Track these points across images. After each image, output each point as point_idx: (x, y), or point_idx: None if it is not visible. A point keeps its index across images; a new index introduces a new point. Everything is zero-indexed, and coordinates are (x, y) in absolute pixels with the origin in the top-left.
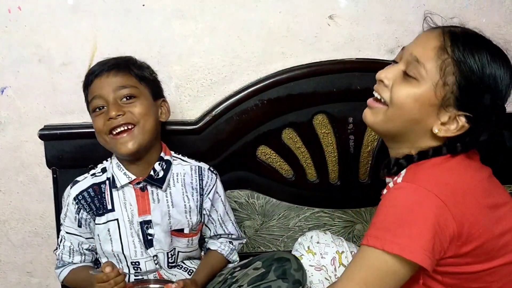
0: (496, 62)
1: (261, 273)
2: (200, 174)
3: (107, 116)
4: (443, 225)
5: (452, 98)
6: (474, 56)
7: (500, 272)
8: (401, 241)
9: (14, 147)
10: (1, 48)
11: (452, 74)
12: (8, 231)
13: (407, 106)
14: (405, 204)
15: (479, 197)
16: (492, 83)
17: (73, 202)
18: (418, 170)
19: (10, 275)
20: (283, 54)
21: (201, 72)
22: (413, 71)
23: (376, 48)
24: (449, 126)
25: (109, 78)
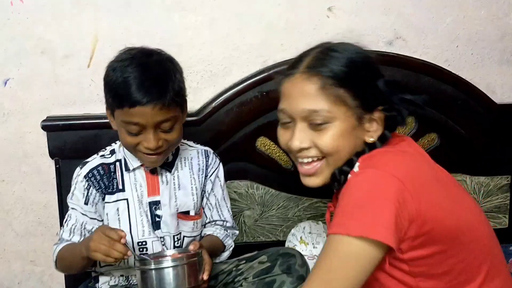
0: (355, 53)
1: (266, 267)
2: (206, 156)
3: (144, 141)
4: (403, 203)
5: (359, 110)
6: (340, 65)
7: (463, 253)
8: (363, 222)
9: (17, 138)
10: (4, 40)
11: (342, 94)
12: (12, 220)
13: (340, 145)
14: (364, 187)
15: (429, 175)
16: (369, 69)
17: (82, 179)
18: (370, 158)
19: (13, 264)
20: (282, 46)
21: (201, 64)
22: (319, 118)
23: (375, 39)
24: (374, 128)
25: (154, 111)
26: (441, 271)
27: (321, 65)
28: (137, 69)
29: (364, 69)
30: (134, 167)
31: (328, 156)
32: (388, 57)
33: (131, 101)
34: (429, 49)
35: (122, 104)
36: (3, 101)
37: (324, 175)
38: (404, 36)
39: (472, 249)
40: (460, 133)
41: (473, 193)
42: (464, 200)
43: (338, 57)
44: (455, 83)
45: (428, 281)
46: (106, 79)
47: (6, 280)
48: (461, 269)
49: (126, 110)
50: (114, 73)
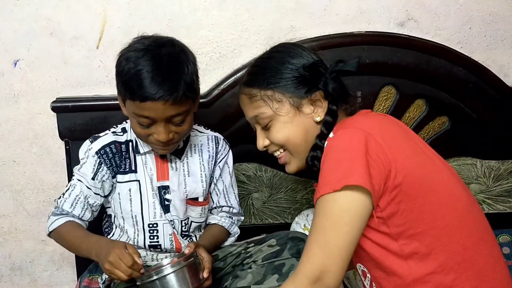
0: (278, 56)
1: (275, 250)
2: (216, 143)
3: (154, 133)
4: (374, 154)
5: (292, 99)
6: (262, 73)
7: (441, 210)
8: (342, 175)
9: (27, 119)
10: (13, 21)
11: (269, 94)
12: (23, 200)
13: (287, 135)
14: (338, 146)
15: (398, 131)
16: (289, 65)
17: (94, 155)
18: (341, 124)
19: (25, 243)
20: (292, 27)
21: (209, 46)
22: (263, 121)
23: (386, 21)
24: (317, 108)
25: (166, 105)
26: (420, 230)
27: (247, 79)
28: (149, 62)
29: (281, 69)
30: (145, 151)
31: (286, 147)
32: (400, 39)
33: (142, 96)
34: (442, 30)
35: (133, 97)
36: (13, 82)
37: (294, 162)
38: (416, 17)
39: (449, 208)
40: (471, 116)
41: (483, 177)
42: (437, 161)
43: (257, 67)
44: (467, 65)
45: (410, 244)
46: (119, 68)
47: (18, 259)
48: (440, 229)
49: (138, 104)
50: (127, 64)
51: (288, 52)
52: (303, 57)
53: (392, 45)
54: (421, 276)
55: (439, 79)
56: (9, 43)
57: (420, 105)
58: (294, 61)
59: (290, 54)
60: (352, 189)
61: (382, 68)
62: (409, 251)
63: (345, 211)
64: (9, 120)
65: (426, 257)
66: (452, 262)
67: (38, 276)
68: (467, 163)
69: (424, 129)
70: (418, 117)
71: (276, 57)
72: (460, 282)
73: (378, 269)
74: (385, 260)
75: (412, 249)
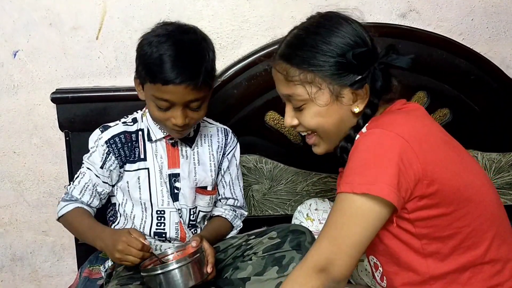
0: (325, 34)
1: (276, 243)
2: (226, 135)
3: (172, 118)
4: (407, 163)
5: (332, 86)
6: (304, 50)
7: (469, 217)
8: (366, 180)
9: (27, 110)
10: (13, 11)
11: (310, 77)
12: (24, 191)
13: (320, 122)
14: (370, 147)
15: (437, 136)
16: (335, 49)
17: (103, 144)
18: (378, 119)
19: (26, 234)
20: (293, 18)
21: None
22: (296, 103)
23: (388, 12)
24: (358, 99)
25: (187, 90)
26: (446, 234)
27: (285, 51)
28: (172, 47)
29: (327, 51)
30: (157, 138)
31: (317, 132)
32: (401, 30)
33: (164, 79)
34: (443, 22)
35: (155, 80)
36: (12, 73)
37: (323, 146)
38: (418, 8)
39: (479, 214)
40: (473, 108)
41: (485, 169)
42: (472, 165)
43: (299, 40)
44: (469, 57)
45: (433, 244)
46: (141, 52)
47: (19, 250)
48: (466, 234)
49: (159, 86)
50: (150, 48)
51: (336, 29)
52: (352, 38)
53: (394, 36)
54: (439, 274)
55: (440, 71)
56: (8, 34)
57: (422, 97)
58: (342, 43)
59: (338, 33)
60: (373, 197)
61: None
62: (431, 251)
63: (361, 214)
64: (9, 111)
65: (446, 258)
66: (471, 264)
67: (38, 266)
68: None
69: None
70: None
71: (323, 35)
72: (475, 282)
73: (394, 264)
74: (404, 255)
75: (434, 249)
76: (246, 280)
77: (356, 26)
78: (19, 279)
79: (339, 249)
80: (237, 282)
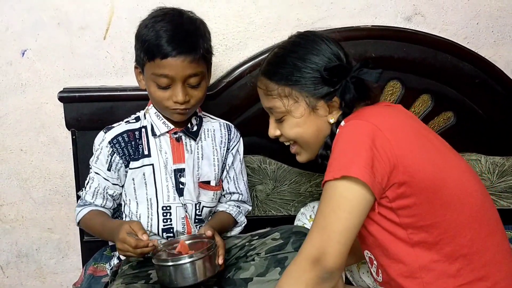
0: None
1: (279, 244)
2: (228, 130)
3: (172, 96)
4: (380, 148)
5: (308, 99)
6: (282, 67)
7: (450, 206)
8: (342, 164)
9: (34, 109)
10: (22, 11)
11: (287, 91)
12: (30, 189)
13: (299, 132)
14: (345, 137)
15: (410, 126)
16: (310, 65)
17: (107, 145)
18: (355, 114)
19: (31, 231)
20: (299, 20)
21: (216, 38)
22: (276, 115)
23: (393, 15)
24: (332, 110)
25: (185, 63)
26: (429, 223)
27: (266, 68)
28: (169, 23)
29: (302, 67)
30: (161, 133)
31: (297, 142)
32: (406, 33)
33: (162, 53)
34: (449, 25)
35: (153, 56)
36: (20, 71)
37: (305, 155)
38: (423, 12)
39: (460, 204)
40: (477, 112)
41: (488, 172)
42: (452, 158)
43: (278, 59)
44: (474, 61)
45: (419, 234)
46: (138, 35)
47: (24, 247)
48: (449, 223)
49: (158, 62)
50: (146, 29)
51: (311, 48)
52: (326, 54)
53: (399, 39)
54: (427, 263)
55: (445, 74)
56: (17, 33)
57: (426, 100)
58: (317, 60)
59: (313, 51)
60: (351, 179)
61: (388, 63)
62: (417, 240)
63: (344, 197)
64: (16, 109)
65: (433, 247)
66: (458, 254)
67: (44, 263)
68: (472, 159)
69: (429, 124)
70: (423, 112)
71: (299, 52)
72: (465, 273)
73: (385, 256)
74: (392, 246)
75: (420, 238)
76: (249, 280)
77: (331, 44)
78: (24, 276)
79: (329, 237)
80: (240, 282)
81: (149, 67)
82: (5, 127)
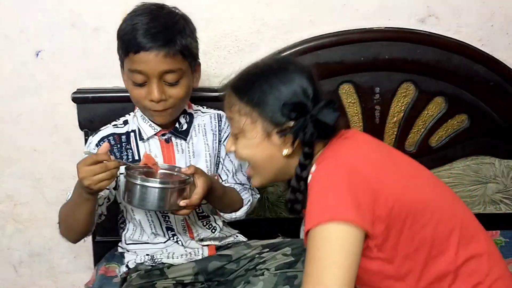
0: (271, 77)
1: (289, 261)
2: (219, 120)
3: (148, 94)
4: (358, 183)
5: (266, 122)
6: (250, 86)
7: (429, 225)
8: (326, 208)
9: (48, 109)
10: (36, 12)
11: (248, 111)
12: (43, 188)
13: (251, 154)
14: (321, 180)
15: (379, 154)
16: (275, 93)
17: (94, 147)
18: (322, 155)
19: (44, 231)
20: (311, 22)
21: (228, 39)
22: (233, 129)
23: (407, 17)
24: (285, 143)
25: (158, 57)
26: (413, 249)
27: (234, 82)
28: (146, 16)
29: (268, 93)
30: (148, 136)
31: (249, 163)
32: (420, 35)
33: (135, 47)
34: (463, 27)
35: (127, 51)
36: (35, 72)
37: (257, 179)
38: (438, 14)
39: (437, 220)
40: (491, 115)
41: (501, 176)
42: (420, 174)
43: (248, 76)
44: (488, 63)
45: (405, 264)
46: (117, 33)
47: (37, 246)
48: (431, 243)
49: (132, 57)
50: (123, 24)
51: (282, 76)
52: (294, 87)
53: (412, 41)
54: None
55: (459, 76)
56: (32, 34)
57: (440, 102)
58: (283, 89)
59: (282, 80)
60: (339, 222)
61: (402, 65)
62: (405, 271)
63: (337, 240)
64: (30, 110)
65: (422, 272)
66: (447, 271)
67: (56, 263)
68: (485, 162)
69: (443, 127)
70: (437, 114)
71: (269, 77)
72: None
73: None
74: (382, 284)
75: (408, 267)
76: None
77: (303, 77)
78: (36, 275)
79: (328, 284)
80: None
81: (126, 64)
82: (19, 128)
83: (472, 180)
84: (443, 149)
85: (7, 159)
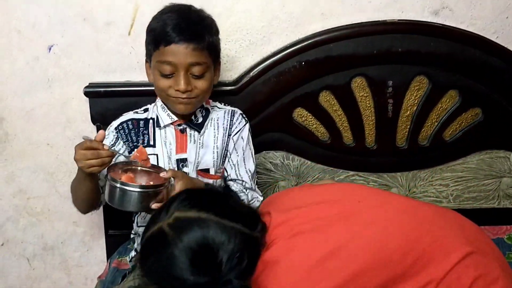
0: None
1: None
2: (232, 116)
3: (175, 84)
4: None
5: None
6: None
7: (406, 259)
8: None
9: (60, 104)
10: (49, 7)
11: None
12: (56, 182)
13: None
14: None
15: (321, 240)
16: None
17: (113, 131)
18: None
19: (57, 224)
20: (323, 15)
21: (239, 33)
22: None
23: (420, 9)
24: None
25: (187, 50)
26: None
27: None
28: (176, 14)
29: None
30: (165, 124)
31: None
32: (433, 27)
33: (166, 40)
34: (477, 20)
35: (158, 44)
36: (47, 67)
37: None
38: (451, 5)
39: (402, 253)
40: (506, 108)
41: None
42: (381, 220)
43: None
44: (503, 56)
45: None
46: (147, 29)
47: (50, 239)
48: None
49: (162, 49)
50: (154, 21)
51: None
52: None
53: (426, 34)
54: None
55: (473, 69)
56: (44, 29)
57: (453, 96)
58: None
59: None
60: None
61: (415, 57)
62: None
63: None
64: (43, 105)
65: None
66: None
67: (69, 256)
68: (500, 156)
69: (457, 121)
70: (451, 108)
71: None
72: None
73: None
74: None
75: None
76: None
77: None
78: (50, 268)
79: None
80: None
81: (155, 57)
82: (32, 122)
83: (486, 175)
84: (457, 143)
85: (21, 154)
